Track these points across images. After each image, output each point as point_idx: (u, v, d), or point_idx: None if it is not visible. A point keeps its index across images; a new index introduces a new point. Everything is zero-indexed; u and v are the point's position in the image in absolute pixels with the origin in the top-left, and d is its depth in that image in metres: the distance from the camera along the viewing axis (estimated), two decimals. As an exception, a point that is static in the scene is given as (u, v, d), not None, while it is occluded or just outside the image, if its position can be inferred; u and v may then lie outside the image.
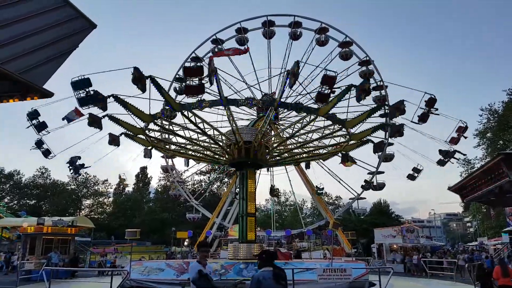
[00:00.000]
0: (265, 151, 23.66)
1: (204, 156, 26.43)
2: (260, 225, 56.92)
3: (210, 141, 23.44)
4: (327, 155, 26.44)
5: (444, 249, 45.26)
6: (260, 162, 24.24)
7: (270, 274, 5.65)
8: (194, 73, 17.71)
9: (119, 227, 62.08)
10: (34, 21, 7.13)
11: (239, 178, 25.54)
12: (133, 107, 18.60)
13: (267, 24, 41.45)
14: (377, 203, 67.97)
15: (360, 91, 18.15)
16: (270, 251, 6.46)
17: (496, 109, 46.12)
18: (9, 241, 39.88)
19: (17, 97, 7.09)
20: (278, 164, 31.20)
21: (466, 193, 14.06)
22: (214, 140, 23.07)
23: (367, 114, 19.49)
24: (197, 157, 27.37)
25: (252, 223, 22.77)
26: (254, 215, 23.16)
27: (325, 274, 12.87)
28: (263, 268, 5.82)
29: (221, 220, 47.74)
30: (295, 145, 27.12)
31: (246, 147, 22.62)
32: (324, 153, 25.92)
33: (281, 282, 5.67)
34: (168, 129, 22.96)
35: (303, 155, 27.51)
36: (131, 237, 21.64)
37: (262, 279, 5.57)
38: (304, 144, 26.11)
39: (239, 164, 24.29)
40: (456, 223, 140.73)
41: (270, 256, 6.04)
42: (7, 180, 70.00)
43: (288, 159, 27.75)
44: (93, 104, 17.68)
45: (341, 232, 41.18)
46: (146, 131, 21.49)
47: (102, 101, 17.67)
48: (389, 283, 14.24)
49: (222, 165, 38.02)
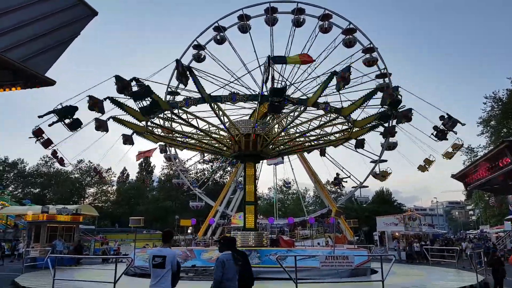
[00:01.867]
0: (266, 143, 23.69)
1: (207, 148, 26.64)
2: (263, 213, 57.22)
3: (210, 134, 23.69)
4: (335, 142, 26.30)
5: (446, 236, 45.46)
6: (261, 154, 24.34)
7: (230, 256, 6.77)
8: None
9: (122, 215, 62.63)
10: (35, 8, 7.06)
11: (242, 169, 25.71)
12: (128, 107, 18.80)
13: (270, 10, 41.00)
14: (379, 192, 68.11)
15: (339, 78, 17.66)
16: (229, 237, 7.68)
17: (501, 97, 45.76)
18: (15, 229, 40.32)
19: (20, 85, 7.07)
20: (282, 154, 31.08)
21: (469, 180, 14.04)
22: (209, 135, 23.28)
23: (362, 100, 19.22)
24: (200, 148, 27.56)
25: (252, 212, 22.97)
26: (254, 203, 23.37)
27: (328, 261, 12.93)
28: (224, 252, 6.90)
29: (224, 208, 48.00)
30: (297, 134, 26.90)
31: (246, 140, 22.69)
32: (333, 140, 25.76)
33: (238, 263, 6.85)
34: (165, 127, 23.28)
35: (308, 143, 27.36)
36: (135, 224, 21.82)
37: (226, 260, 6.65)
38: (306, 133, 25.98)
39: (239, 157, 24.39)
40: (458, 211, 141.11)
41: (229, 241, 7.25)
42: (11, 169, 70.49)
43: (293, 148, 27.64)
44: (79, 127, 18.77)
45: (344, 220, 41.35)
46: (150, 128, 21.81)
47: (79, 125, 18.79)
48: (391, 271, 14.29)
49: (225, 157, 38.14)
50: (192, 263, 19.48)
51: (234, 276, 6.70)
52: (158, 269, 6.66)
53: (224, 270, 6.52)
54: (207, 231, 45.11)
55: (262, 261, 18.98)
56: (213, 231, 46.10)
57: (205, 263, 19.41)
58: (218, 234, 46.21)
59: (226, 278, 6.51)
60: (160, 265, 6.67)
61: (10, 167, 70.22)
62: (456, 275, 19.21)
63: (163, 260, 6.68)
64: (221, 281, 6.50)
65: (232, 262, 6.69)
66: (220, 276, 6.48)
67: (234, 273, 6.72)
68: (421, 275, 19.58)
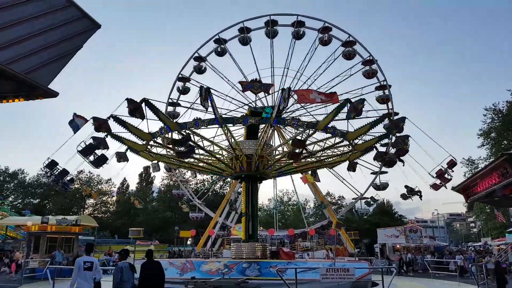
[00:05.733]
0: (268, 163, 23.74)
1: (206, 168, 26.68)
2: (263, 225, 56.93)
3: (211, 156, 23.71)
4: (333, 163, 26.43)
5: (448, 249, 45.11)
6: (262, 175, 24.39)
7: (127, 264, 9.21)
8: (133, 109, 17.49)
9: (122, 226, 62.29)
10: (39, 21, 7.17)
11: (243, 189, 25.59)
12: (132, 126, 18.81)
13: (270, 23, 41.43)
14: (380, 203, 67.75)
15: (351, 108, 18.06)
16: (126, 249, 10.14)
17: (501, 108, 45.87)
18: (14, 240, 40.06)
19: (22, 97, 7.13)
20: (282, 174, 31.01)
21: (470, 193, 14.01)
22: (213, 155, 23.31)
23: (368, 127, 19.53)
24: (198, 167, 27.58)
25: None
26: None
27: (328, 274, 12.85)
28: (123, 261, 9.43)
29: (224, 220, 47.78)
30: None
31: (247, 161, 22.76)
32: (330, 162, 25.86)
33: (133, 270, 9.22)
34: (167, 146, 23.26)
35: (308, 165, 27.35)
36: (135, 235, 21.70)
37: (123, 267, 9.01)
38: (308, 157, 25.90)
39: (241, 177, 24.44)
40: (459, 223, 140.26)
41: (126, 253, 9.90)
42: (12, 179, 70.38)
43: (293, 169, 27.57)
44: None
45: (344, 232, 41.13)
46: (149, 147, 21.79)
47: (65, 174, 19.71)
48: (392, 283, 14.19)
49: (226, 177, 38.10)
50: (192, 275, 19.33)
51: (129, 279, 8.93)
52: (87, 272, 8.95)
53: (121, 275, 8.75)
54: (207, 243, 44.84)
55: (262, 274, 18.84)
56: (213, 242, 45.84)
57: (205, 275, 19.25)
58: (218, 245, 45.95)
59: (123, 280, 8.75)
60: (89, 268, 9.00)
61: (10, 178, 70.13)
62: (455, 285, 19.07)
63: (91, 265, 9.09)
64: (120, 282, 8.72)
65: (128, 269, 9.02)
66: (118, 279, 8.72)
67: (129, 277, 8.95)
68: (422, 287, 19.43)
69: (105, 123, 18.04)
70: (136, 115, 17.47)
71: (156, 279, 9.54)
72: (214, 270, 19.54)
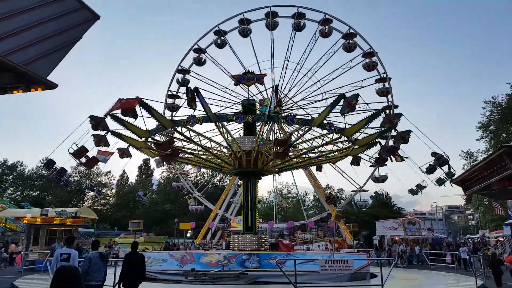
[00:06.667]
0: (267, 159, 23.73)
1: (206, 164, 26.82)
2: (263, 217, 57.13)
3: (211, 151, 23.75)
4: (335, 159, 26.46)
5: (446, 241, 45.34)
6: (261, 171, 24.39)
7: (98, 254, 9.21)
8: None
9: (122, 218, 62.47)
10: (37, 12, 7.10)
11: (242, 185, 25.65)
12: (129, 124, 18.87)
13: (270, 15, 41.17)
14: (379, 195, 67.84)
15: (345, 103, 18.08)
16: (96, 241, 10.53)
17: (500, 101, 45.88)
18: (13, 232, 40.17)
19: (21, 88, 7.09)
20: (282, 171, 31.01)
21: (469, 185, 14.05)
22: (211, 152, 23.33)
23: (365, 122, 19.47)
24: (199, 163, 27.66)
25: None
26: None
27: (327, 266, 12.91)
28: (93, 251, 9.50)
29: (224, 212, 47.94)
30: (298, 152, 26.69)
31: (246, 158, 22.75)
32: (332, 157, 25.89)
33: (104, 260, 9.20)
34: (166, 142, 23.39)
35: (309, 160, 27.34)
36: (135, 228, 21.80)
37: (92, 257, 9.00)
38: (307, 152, 25.86)
39: (240, 174, 24.46)
40: (458, 216, 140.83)
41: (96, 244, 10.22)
42: (11, 172, 70.36)
43: (294, 165, 27.57)
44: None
45: (343, 224, 41.33)
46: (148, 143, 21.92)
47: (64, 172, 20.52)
48: (391, 275, 14.27)
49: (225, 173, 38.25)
50: (192, 267, 19.43)
51: (99, 269, 8.96)
52: (64, 263, 8.79)
53: (90, 265, 8.81)
54: (207, 235, 45.02)
55: (262, 265, 18.95)
56: (212, 235, 46.04)
57: (205, 266, 19.35)
58: (217, 238, 46.16)
59: (91, 270, 8.80)
60: (66, 260, 9.08)
61: (9, 170, 70.09)
62: (455, 279, 19.18)
63: (68, 257, 9.19)
64: (88, 273, 8.72)
65: (98, 259, 9.03)
66: (86, 269, 8.75)
67: (100, 267, 8.97)
68: (421, 279, 19.56)
69: (102, 121, 18.09)
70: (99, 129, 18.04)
71: (136, 272, 9.73)
72: (214, 262, 19.64)
